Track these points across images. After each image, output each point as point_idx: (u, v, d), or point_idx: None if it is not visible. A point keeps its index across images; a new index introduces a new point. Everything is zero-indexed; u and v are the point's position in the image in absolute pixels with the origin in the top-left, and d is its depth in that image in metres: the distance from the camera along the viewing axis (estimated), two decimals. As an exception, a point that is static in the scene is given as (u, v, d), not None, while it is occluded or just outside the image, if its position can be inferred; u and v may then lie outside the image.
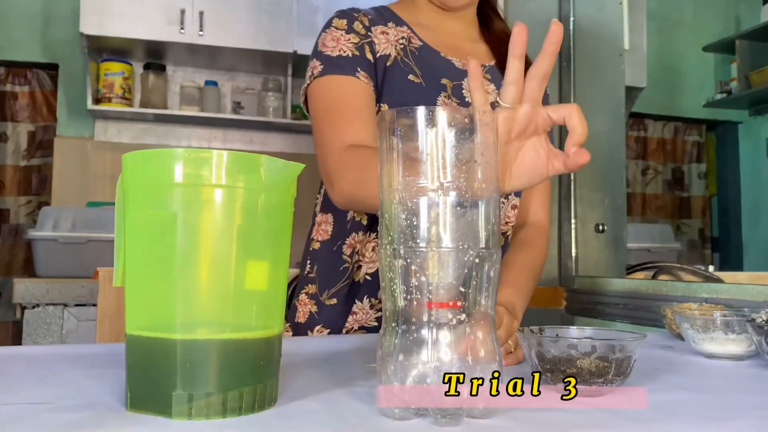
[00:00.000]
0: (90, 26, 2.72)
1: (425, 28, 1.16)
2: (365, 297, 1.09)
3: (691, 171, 3.91)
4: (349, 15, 1.10)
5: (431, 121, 0.54)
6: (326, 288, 1.13)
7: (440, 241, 0.53)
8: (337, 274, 1.12)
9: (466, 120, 0.54)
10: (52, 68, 3.07)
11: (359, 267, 1.11)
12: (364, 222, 1.11)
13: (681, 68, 3.77)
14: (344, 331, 1.11)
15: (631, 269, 2.09)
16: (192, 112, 3.04)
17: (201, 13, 2.82)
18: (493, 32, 1.22)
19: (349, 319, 1.09)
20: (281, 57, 3.00)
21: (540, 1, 2.05)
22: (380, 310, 1.09)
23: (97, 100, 2.92)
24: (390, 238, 0.54)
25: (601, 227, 2.01)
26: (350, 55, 1.06)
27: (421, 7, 1.18)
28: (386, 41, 1.10)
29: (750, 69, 3.38)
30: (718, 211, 3.88)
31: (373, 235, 1.11)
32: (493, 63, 1.19)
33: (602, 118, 2.06)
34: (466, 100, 1.11)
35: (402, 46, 1.11)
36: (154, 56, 3.06)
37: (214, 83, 3.14)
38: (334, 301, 1.11)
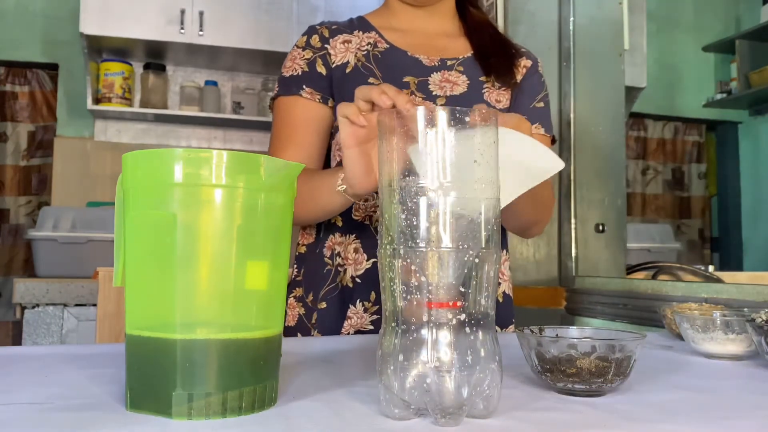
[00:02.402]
0: (90, 26, 2.71)
1: (396, 30, 1.21)
2: (358, 301, 1.10)
3: (691, 171, 3.91)
4: (310, 30, 1.20)
5: (431, 121, 0.54)
6: (311, 290, 1.14)
7: (440, 241, 0.52)
8: (321, 277, 1.14)
9: (467, 120, 0.54)
10: (52, 68, 3.07)
11: (345, 271, 1.11)
12: (339, 224, 1.14)
13: (681, 68, 3.76)
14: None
15: (631, 269, 2.09)
16: (192, 112, 3.04)
17: (201, 13, 2.82)
18: (470, 22, 1.24)
19: (344, 324, 1.10)
20: (281, 57, 2.98)
21: (540, 1, 2.05)
22: (374, 313, 1.10)
23: (97, 100, 2.92)
24: (390, 238, 0.54)
25: (601, 227, 2.01)
26: (299, 73, 1.16)
27: (395, 11, 1.23)
28: (345, 50, 1.17)
29: (750, 69, 3.38)
30: (718, 211, 3.88)
31: (351, 237, 1.12)
32: (468, 54, 1.21)
33: (602, 118, 2.06)
34: (433, 94, 1.15)
35: (365, 52, 1.17)
36: (154, 56, 3.06)
37: (214, 83, 3.14)
38: (324, 305, 1.12)
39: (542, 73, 1.27)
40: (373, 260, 1.10)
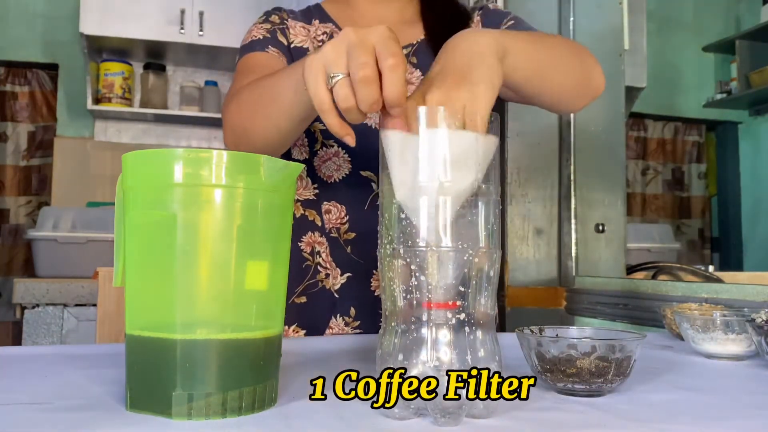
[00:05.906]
0: (90, 26, 2.71)
1: (353, 22, 1.17)
2: (338, 315, 1.09)
3: (691, 171, 3.91)
4: (270, 11, 1.19)
5: (431, 120, 0.54)
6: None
7: (440, 241, 0.52)
8: (300, 272, 1.12)
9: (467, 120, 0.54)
10: (52, 68, 3.07)
11: (327, 275, 1.11)
12: (318, 222, 1.11)
13: (681, 68, 3.77)
14: None
15: (631, 269, 2.09)
16: (192, 112, 3.04)
17: (201, 13, 2.82)
18: (427, 4, 1.19)
19: (326, 333, 1.09)
20: (281, 57, 3.00)
21: (540, 1, 2.05)
22: (356, 327, 1.09)
23: (97, 100, 2.92)
24: (390, 238, 0.54)
25: (601, 227, 2.01)
26: (261, 38, 1.13)
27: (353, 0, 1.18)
28: (305, 35, 1.15)
29: (750, 69, 3.38)
30: (718, 211, 3.88)
31: (327, 243, 1.10)
32: (421, 38, 1.15)
33: (602, 118, 2.06)
34: None
35: (321, 42, 1.14)
36: (154, 56, 3.06)
37: (214, 83, 3.14)
38: (303, 299, 1.11)
39: (498, 8, 1.20)
40: (347, 275, 1.09)
